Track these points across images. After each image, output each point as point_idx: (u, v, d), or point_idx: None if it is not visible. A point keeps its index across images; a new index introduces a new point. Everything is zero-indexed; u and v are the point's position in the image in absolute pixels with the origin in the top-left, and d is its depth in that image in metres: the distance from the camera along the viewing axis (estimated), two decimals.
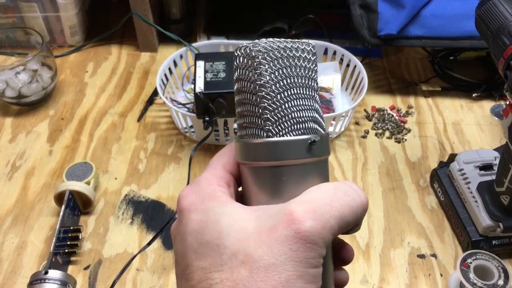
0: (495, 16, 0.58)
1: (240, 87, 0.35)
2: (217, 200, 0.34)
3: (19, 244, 0.73)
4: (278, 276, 0.30)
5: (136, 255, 0.69)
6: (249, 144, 0.34)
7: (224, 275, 0.30)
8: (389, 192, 0.79)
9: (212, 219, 0.32)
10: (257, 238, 0.31)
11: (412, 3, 0.87)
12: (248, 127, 0.34)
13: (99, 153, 0.85)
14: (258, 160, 0.34)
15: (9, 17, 1.02)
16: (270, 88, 0.33)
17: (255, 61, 0.33)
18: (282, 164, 0.33)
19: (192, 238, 0.33)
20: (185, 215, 0.34)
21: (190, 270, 0.32)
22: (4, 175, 0.82)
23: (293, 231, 0.30)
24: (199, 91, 0.76)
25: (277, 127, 0.33)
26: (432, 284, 0.68)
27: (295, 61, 0.34)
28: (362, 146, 0.86)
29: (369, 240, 0.73)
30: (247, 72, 0.34)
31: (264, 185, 0.34)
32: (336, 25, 1.05)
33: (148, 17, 0.99)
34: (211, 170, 0.36)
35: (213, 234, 0.32)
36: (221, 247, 0.31)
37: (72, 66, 1.03)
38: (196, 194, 0.34)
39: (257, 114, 0.33)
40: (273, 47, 0.34)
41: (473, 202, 0.70)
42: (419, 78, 0.99)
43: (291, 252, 0.30)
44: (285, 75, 0.34)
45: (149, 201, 0.78)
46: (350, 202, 0.33)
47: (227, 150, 0.37)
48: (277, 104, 0.33)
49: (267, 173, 0.34)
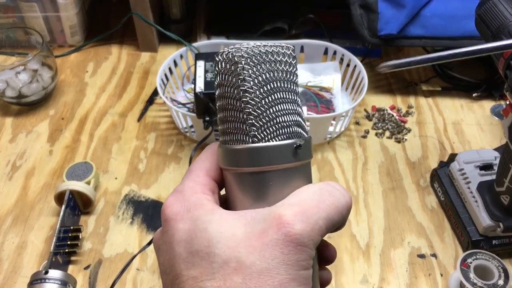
0: (495, 16, 0.58)
1: (223, 93, 0.34)
2: (203, 208, 0.33)
3: (19, 244, 0.73)
4: (272, 281, 0.30)
5: (136, 255, 0.69)
6: (234, 150, 0.34)
7: (217, 283, 0.30)
8: (389, 192, 0.79)
9: (200, 228, 0.32)
10: (247, 244, 0.31)
11: (412, 3, 0.87)
12: (231, 133, 0.34)
13: (99, 153, 0.85)
14: (244, 166, 0.34)
15: (9, 17, 1.02)
16: (254, 93, 0.33)
17: (238, 66, 0.33)
18: (268, 170, 0.33)
19: (181, 248, 0.32)
20: (171, 225, 0.34)
21: (180, 280, 0.32)
22: (4, 175, 0.82)
23: (283, 235, 0.30)
24: (199, 91, 0.76)
25: (262, 133, 0.33)
26: (432, 284, 0.68)
27: (276, 66, 0.34)
28: (362, 146, 0.86)
29: (369, 240, 0.73)
30: (230, 78, 0.33)
31: (250, 190, 0.34)
32: (336, 25, 1.05)
33: (148, 17, 0.99)
34: (194, 177, 0.36)
35: (202, 243, 0.31)
36: (212, 255, 0.31)
37: (72, 66, 1.03)
38: (181, 203, 0.34)
39: (241, 120, 0.33)
40: (255, 51, 0.33)
41: (473, 202, 0.70)
42: (419, 78, 0.99)
43: (282, 256, 0.30)
44: (268, 80, 0.33)
45: (149, 201, 0.78)
46: (335, 202, 0.33)
47: (208, 154, 0.37)
48: (262, 110, 0.33)
49: (252, 179, 0.34)
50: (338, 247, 0.71)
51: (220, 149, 0.35)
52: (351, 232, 0.74)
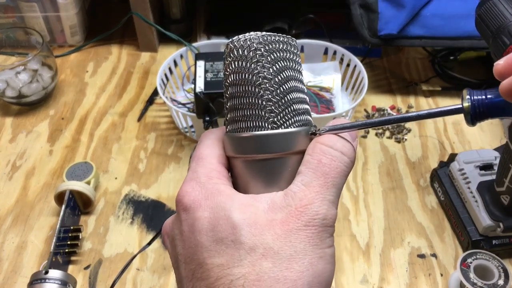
0: (495, 16, 0.58)
1: (237, 80, 0.34)
2: (222, 194, 0.33)
3: (19, 244, 0.73)
4: (302, 262, 0.31)
5: (136, 254, 0.69)
6: (252, 137, 0.34)
7: (245, 269, 0.31)
8: (389, 192, 0.79)
9: (221, 215, 0.32)
10: (272, 231, 0.31)
11: (412, 3, 0.87)
12: (245, 120, 0.34)
13: (99, 153, 0.85)
14: (264, 152, 0.34)
15: (9, 17, 1.02)
16: (273, 79, 0.34)
17: (256, 52, 0.33)
18: (288, 154, 0.34)
19: (203, 236, 0.32)
20: (190, 214, 0.33)
21: (204, 269, 0.32)
22: (4, 175, 0.82)
23: (305, 221, 0.31)
24: (199, 90, 0.76)
25: (281, 119, 0.34)
26: (432, 284, 0.68)
27: (286, 55, 0.35)
28: (362, 145, 0.86)
29: (369, 240, 0.73)
30: (247, 64, 0.34)
31: (265, 175, 0.34)
32: (336, 25, 1.05)
33: (148, 17, 0.99)
34: (207, 164, 0.35)
35: (226, 230, 0.32)
36: (237, 243, 0.31)
37: (72, 66, 1.03)
38: (197, 191, 0.34)
39: (259, 106, 0.33)
40: (268, 40, 0.34)
41: (473, 202, 0.70)
42: (419, 78, 0.99)
43: (308, 238, 0.31)
44: (282, 68, 0.34)
45: (149, 201, 0.78)
46: (339, 166, 0.34)
47: (214, 141, 0.37)
48: (279, 97, 0.34)
49: (271, 164, 0.34)
50: (338, 247, 0.71)
51: (232, 137, 0.35)
52: (351, 232, 0.74)
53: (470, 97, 0.31)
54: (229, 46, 0.35)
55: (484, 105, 0.31)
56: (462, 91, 0.32)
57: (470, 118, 0.32)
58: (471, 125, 0.32)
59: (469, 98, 0.31)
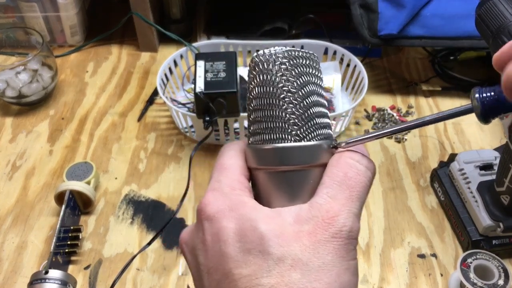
0: (495, 16, 0.58)
1: (262, 93, 0.35)
2: (246, 206, 0.33)
3: (19, 244, 0.73)
4: (330, 273, 0.31)
5: (136, 255, 0.69)
6: (277, 149, 0.34)
7: (274, 279, 0.31)
8: (389, 192, 0.79)
9: (247, 226, 0.32)
10: (300, 243, 0.31)
11: (412, 3, 0.87)
12: (268, 133, 0.35)
13: (99, 153, 0.85)
14: (287, 164, 0.34)
15: (9, 17, 1.02)
16: (296, 93, 0.34)
17: (281, 67, 0.34)
18: (310, 167, 0.35)
19: (228, 247, 0.32)
20: (214, 224, 0.33)
21: (231, 279, 0.32)
22: (5, 175, 0.82)
23: (332, 233, 0.32)
24: (199, 91, 0.76)
25: (303, 132, 0.34)
26: (432, 284, 0.68)
27: (309, 70, 0.35)
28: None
29: (369, 240, 0.73)
30: (272, 78, 0.34)
31: (288, 188, 0.35)
32: (336, 25, 1.05)
33: (148, 17, 0.99)
34: (230, 175, 0.36)
35: (254, 241, 0.32)
36: (265, 254, 0.31)
37: (72, 66, 1.03)
38: (220, 201, 0.34)
39: (283, 119, 0.34)
40: (292, 55, 0.35)
41: (473, 202, 0.70)
42: (419, 78, 0.99)
43: (335, 251, 0.31)
44: (305, 82, 0.35)
45: (149, 201, 0.78)
46: (363, 181, 0.34)
47: (236, 153, 0.37)
48: (303, 110, 0.35)
49: (294, 176, 0.35)
50: None
51: (255, 149, 0.36)
52: None
53: (479, 95, 0.31)
54: (254, 60, 0.36)
55: (494, 101, 0.31)
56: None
57: (481, 116, 0.32)
58: (484, 123, 0.32)
59: (478, 96, 0.31)
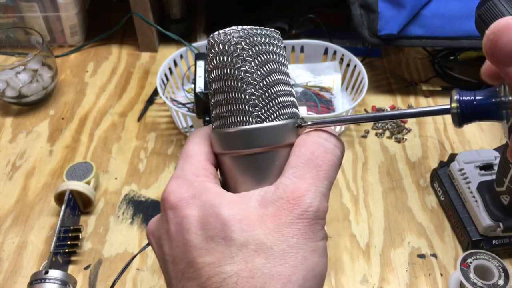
0: (495, 16, 0.58)
1: (219, 75, 0.34)
2: (210, 192, 0.33)
3: (19, 243, 0.73)
4: (295, 256, 0.30)
5: (136, 254, 0.69)
6: (238, 132, 0.33)
7: (237, 266, 0.30)
8: (389, 192, 0.79)
9: (210, 213, 0.31)
10: (264, 226, 0.31)
11: (412, 3, 0.87)
12: (230, 116, 0.34)
13: (99, 153, 0.85)
14: (251, 147, 0.33)
15: (9, 17, 1.02)
16: (255, 73, 0.33)
17: (237, 46, 0.33)
18: (276, 148, 0.34)
19: (191, 235, 0.31)
20: (177, 212, 0.32)
21: (195, 268, 0.31)
22: (5, 175, 0.82)
23: (298, 214, 0.31)
24: (199, 90, 0.76)
25: (265, 113, 0.33)
26: (432, 284, 0.68)
27: (270, 48, 0.34)
28: (362, 146, 0.86)
29: (369, 240, 0.73)
30: (229, 59, 0.33)
31: (254, 171, 0.34)
32: (336, 25, 1.05)
33: (148, 17, 0.99)
34: (194, 162, 0.35)
35: (216, 228, 0.31)
36: (228, 240, 0.30)
37: (72, 66, 1.03)
38: (184, 189, 0.33)
39: (242, 101, 0.33)
40: (250, 33, 0.34)
41: (473, 202, 0.70)
42: (419, 78, 0.99)
43: (301, 232, 0.31)
44: (265, 61, 0.34)
45: (149, 201, 0.78)
46: (332, 159, 0.33)
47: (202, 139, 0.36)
48: (263, 90, 0.33)
49: (259, 159, 0.34)
50: (338, 247, 0.71)
51: (218, 133, 0.35)
52: (351, 232, 0.74)
53: (458, 97, 0.30)
54: (209, 41, 0.34)
55: (472, 107, 0.30)
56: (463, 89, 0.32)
57: (457, 119, 0.31)
58: (458, 126, 0.31)
59: (457, 98, 0.30)
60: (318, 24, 0.99)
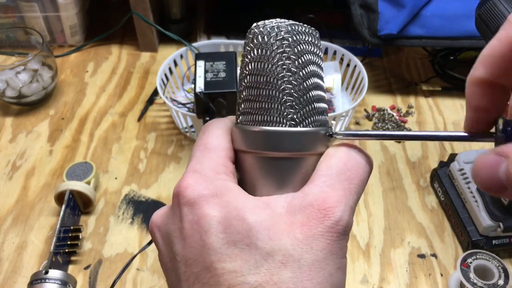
0: (495, 16, 0.58)
1: (259, 69, 0.31)
2: (232, 193, 0.30)
3: (19, 243, 0.73)
4: (323, 272, 0.29)
5: (136, 254, 0.69)
6: (270, 132, 0.31)
7: (262, 277, 0.28)
8: (389, 192, 0.79)
9: (234, 215, 0.29)
10: (292, 236, 0.29)
11: (412, 3, 0.87)
12: (261, 114, 0.31)
13: (99, 153, 0.85)
14: (281, 150, 0.31)
15: (9, 17, 1.02)
16: (297, 74, 0.31)
17: (283, 43, 0.31)
18: (305, 155, 0.32)
19: (211, 237, 0.29)
20: (195, 210, 0.30)
21: (213, 274, 0.29)
22: (5, 175, 0.82)
23: (328, 226, 0.29)
24: (199, 90, 0.76)
25: (301, 116, 0.31)
26: (433, 284, 0.68)
27: (311, 48, 0.32)
28: (362, 146, 0.86)
29: (369, 240, 0.73)
30: (272, 54, 0.31)
31: (279, 175, 0.32)
32: (336, 25, 1.05)
33: (148, 17, 0.99)
34: (214, 157, 0.32)
35: (240, 233, 0.29)
36: (253, 247, 0.28)
37: (72, 66, 1.03)
38: (203, 185, 0.30)
39: (279, 100, 0.31)
40: (296, 29, 0.31)
41: (473, 202, 0.70)
42: (419, 78, 0.99)
43: (329, 247, 0.29)
44: (306, 62, 0.32)
45: (149, 201, 0.78)
46: (362, 174, 0.32)
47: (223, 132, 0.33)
48: (302, 92, 0.31)
49: (286, 164, 0.32)
50: None
51: (245, 130, 0.32)
52: (351, 232, 0.73)
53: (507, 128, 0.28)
54: (252, 31, 0.32)
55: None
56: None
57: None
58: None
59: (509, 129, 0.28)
60: (318, 24, 0.99)
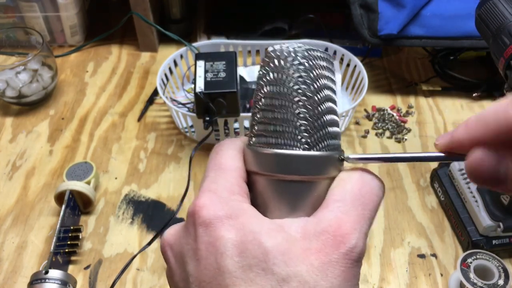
0: (495, 15, 0.58)
1: (274, 93, 0.32)
2: (247, 215, 0.30)
3: (19, 243, 0.73)
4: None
5: (136, 254, 0.69)
6: (284, 155, 0.31)
7: None
8: (389, 192, 0.79)
9: (250, 239, 0.29)
10: (307, 262, 0.29)
11: (412, 3, 0.87)
12: (275, 137, 0.32)
13: (99, 153, 0.85)
14: (294, 174, 0.31)
15: (9, 17, 1.02)
16: (312, 98, 0.31)
17: (299, 67, 0.31)
18: (318, 179, 0.32)
19: (226, 260, 0.29)
20: (210, 231, 0.30)
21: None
22: (5, 175, 0.82)
23: (343, 254, 0.29)
24: (199, 90, 0.76)
25: (315, 141, 0.32)
26: (433, 284, 0.68)
27: (326, 73, 0.33)
28: (362, 146, 0.86)
29: (369, 240, 0.73)
30: (288, 78, 0.31)
31: (292, 199, 0.32)
32: (336, 25, 1.05)
33: (148, 17, 0.99)
34: (229, 178, 0.32)
35: (256, 257, 0.29)
36: (269, 272, 0.28)
37: (72, 66, 1.03)
38: (218, 206, 0.30)
39: (294, 125, 0.31)
40: (313, 54, 0.32)
41: (473, 202, 0.70)
42: (419, 78, 0.99)
43: (344, 274, 0.29)
44: (321, 87, 0.32)
45: (149, 201, 0.78)
46: (375, 200, 0.32)
47: (236, 153, 0.34)
48: (317, 117, 0.32)
49: (299, 187, 0.32)
50: None
51: (259, 152, 0.32)
52: None
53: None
54: (269, 55, 0.32)
55: None
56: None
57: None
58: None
59: None
60: (318, 24, 0.99)
